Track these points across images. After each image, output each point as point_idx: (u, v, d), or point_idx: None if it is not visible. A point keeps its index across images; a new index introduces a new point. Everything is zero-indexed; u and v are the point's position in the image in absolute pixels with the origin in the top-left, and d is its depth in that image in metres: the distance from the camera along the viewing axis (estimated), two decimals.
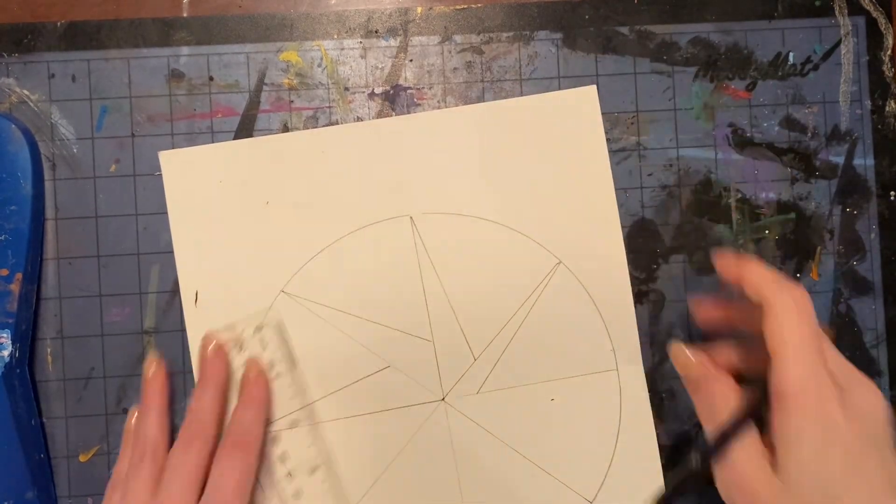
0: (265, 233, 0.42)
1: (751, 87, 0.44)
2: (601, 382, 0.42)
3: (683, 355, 0.37)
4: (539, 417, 0.42)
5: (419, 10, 0.43)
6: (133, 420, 0.40)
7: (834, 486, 0.31)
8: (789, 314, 0.32)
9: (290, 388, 0.41)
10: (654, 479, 0.42)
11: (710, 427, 0.35)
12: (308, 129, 0.42)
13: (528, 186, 0.42)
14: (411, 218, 0.42)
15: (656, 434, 0.42)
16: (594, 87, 0.42)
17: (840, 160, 0.44)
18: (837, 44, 0.44)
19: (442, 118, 0.42)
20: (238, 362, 0.41)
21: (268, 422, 0.40)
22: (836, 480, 0.31)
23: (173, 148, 0.42)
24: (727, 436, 0.33)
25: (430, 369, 0.42)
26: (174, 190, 0.42)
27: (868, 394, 0.33)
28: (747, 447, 0.33)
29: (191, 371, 0.41)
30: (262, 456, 0.39)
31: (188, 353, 0.41)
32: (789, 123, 0.44)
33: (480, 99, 0.43)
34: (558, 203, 0.42)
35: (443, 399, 0.42)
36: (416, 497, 0.41)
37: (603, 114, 0.43)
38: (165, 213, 0.42)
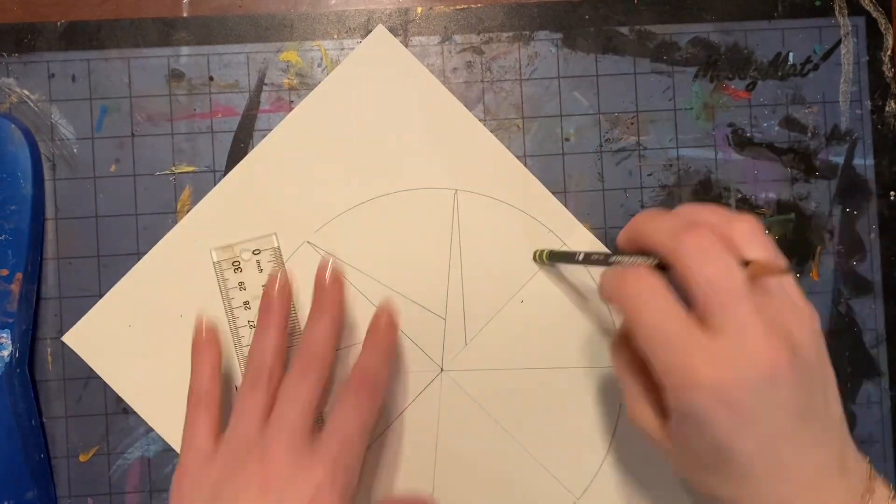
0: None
1: (751, 87, 0.44)
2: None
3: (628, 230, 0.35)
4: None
5: (419, 9, 0.43)
6: (203, 330, 0.38)
7: (720, 446, 0.29)
8: (689, 266, 0.30)
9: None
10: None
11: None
12: None
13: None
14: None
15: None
16: (379, 26, 0.42)
17: (840, 160, 0.44)
18: (837, 44, 0.44)
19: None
20: (232, 282, 0.41)
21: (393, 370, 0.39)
22: (717, 444, 0.29)
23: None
24: (621, 258, 0.33)
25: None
26: None
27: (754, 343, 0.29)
28: (637, 391, 0.33)
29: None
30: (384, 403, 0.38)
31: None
32: (789, 123, 0.44)
33: (480, 99, 0.43)
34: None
35: (441, 370, 0.42)
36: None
37: (603, 114, 0.43)
38: (165, 213, 0.42)
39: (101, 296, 0.42)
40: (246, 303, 0.41)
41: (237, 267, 0.41)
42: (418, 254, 0.42)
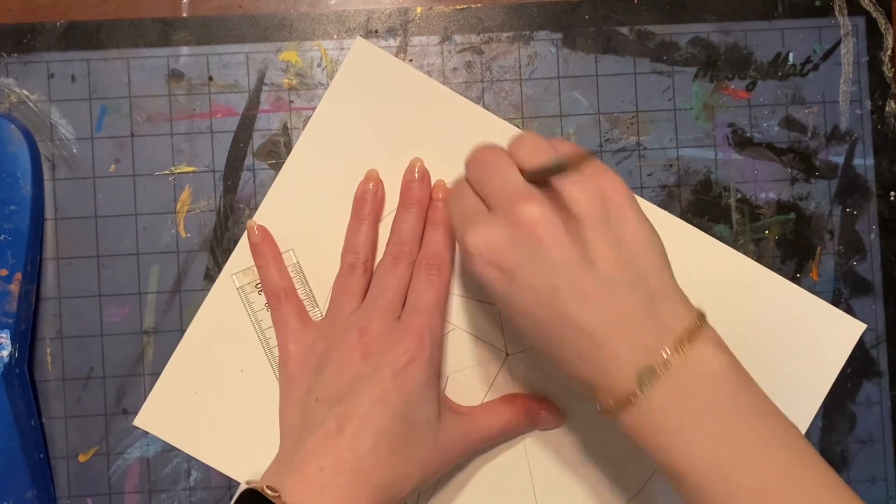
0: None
1: (751, 87, 0.44)
2: None
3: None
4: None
5: (419, 9, 0.43)
6: (256, 232, 0.41)
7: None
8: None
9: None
10: None
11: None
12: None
13: None
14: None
15: None
16: (357, 38, 0.42)
17: (840, 160, 0.44)
18: (837, 44, 0.44)
19: None
20: (259, 305, 0.42)
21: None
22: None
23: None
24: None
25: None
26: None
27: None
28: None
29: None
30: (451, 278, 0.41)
31: None
32: (789, 123, 0.44)
33: (480, 99, 0.43)
34: None
35: (507, 354, 0.42)
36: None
37: (603, 114, 0.43)
38: (165, 213, 0.42)
39: (100, 296, 0.42)
40: None
41: (261, 289, 0.41)
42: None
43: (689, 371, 0.30)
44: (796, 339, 0.34)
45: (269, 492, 0.33)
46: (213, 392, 0.41)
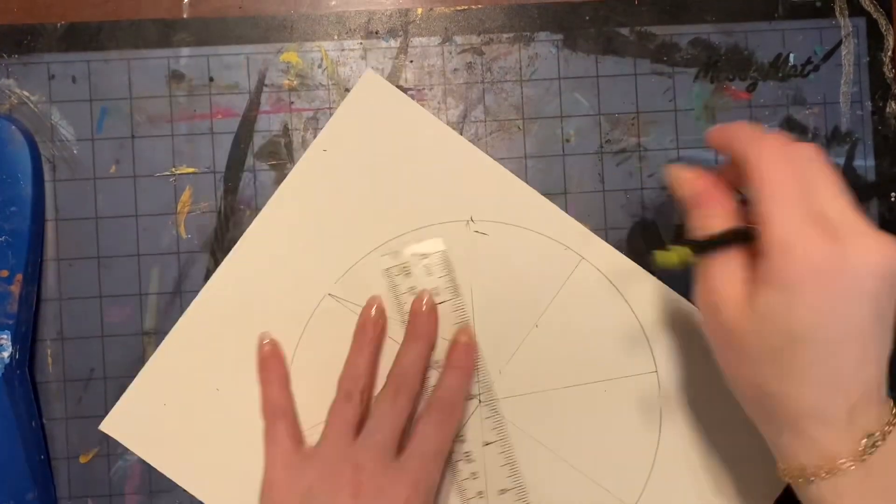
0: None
1: (751, 88, 0.44)
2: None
3: (679, 172, 0.36)
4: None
5: (419, 11, 0.43)
6: (266, 348, 0.40)
7: (799, 329, 0.30)
8: (765, 167, 0.31)
9: (454, 314, 0.41)
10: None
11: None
12: (309, 130, 0.42)
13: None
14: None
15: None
16: (368, 69, 0.42)
17: (841, 161, 0.44)
18: (838, 45, 0.44)
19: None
20: (403, 287, 0.41)
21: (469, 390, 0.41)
22: (802, 325, 0.30)
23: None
24: (714, 241, 0.33)
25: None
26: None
27: (866, 245, 0.30)
28: (729, 259, 0.32)
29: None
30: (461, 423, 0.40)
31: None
32: (790, 124, 0.44)
33: (480, 100, 0.43)
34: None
35: (479, 402, 0.41)
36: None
37: (603, 115, 0.43)
38: (165, 214, 0.42)
39: (101, 297, 0.42)
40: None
41: (407, 272, 0.41)
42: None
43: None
44: None
45: None
46: (184, 406, 0.41)
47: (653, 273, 0.42)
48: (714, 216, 0.34)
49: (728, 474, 0.40)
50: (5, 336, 0.40)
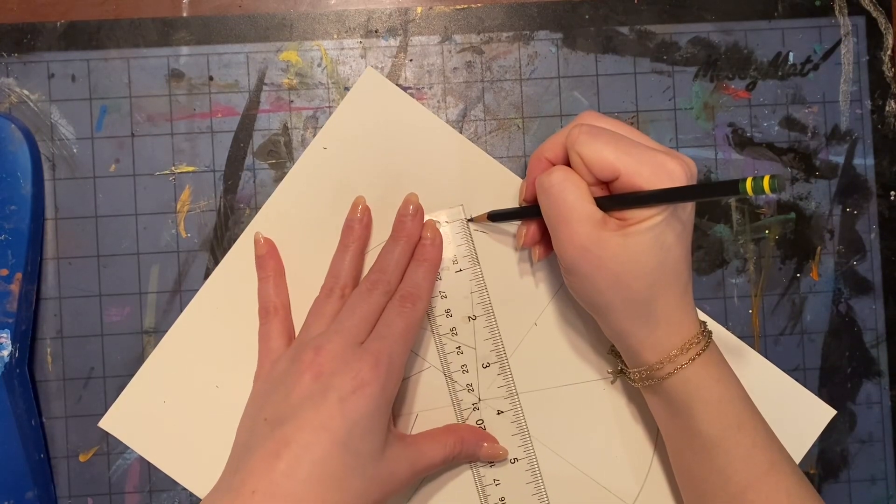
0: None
1: (751, 87, 0.44)
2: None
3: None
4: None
5: (419, 9, 0.43)
6: (262, 244, 0.42)
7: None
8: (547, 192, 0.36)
9: (472, 282, 0.42)
10: None
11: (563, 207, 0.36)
12: (309, 129, 0.42)
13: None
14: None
15: None
16: (368, 68, 0.42)
17: (840, 160, 0.44)
18: (837, 44, 0.44)
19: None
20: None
21: (437, 280, 0.41)
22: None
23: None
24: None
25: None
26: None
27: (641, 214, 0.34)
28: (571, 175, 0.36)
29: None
30: (427, 312, 0.41)
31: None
32: (789, 123, 0.44)
33: (480, 99, 0.43)
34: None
35: (479, 399, 0.42)
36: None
37: (603, 113, 0.43)
38: (165, 213, 0.42)
39: (100, 296, 0.42)
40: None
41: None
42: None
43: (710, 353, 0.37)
44: (769, 417, 0.37)
45: None
46: (184, 404, 0.41)
47: None
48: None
49: None
50: (5, 335, 0.40)
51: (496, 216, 0.41)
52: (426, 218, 0.41)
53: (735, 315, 0.43)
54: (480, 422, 0.41)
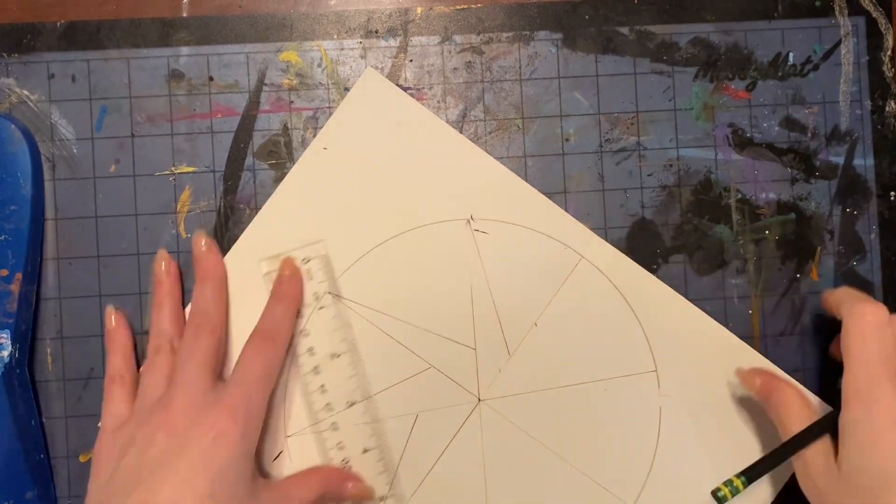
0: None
1: (751, 88, 0.44)
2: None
3: (744, 373, 0.40)
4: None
5: (419, 10, 0.43)
6: (112, 320, 0.41)
7: (885, 474, 0.33)
8: (856, 326, 0.36)
9: (335, 319, 0.41)
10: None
11: (781, 430, 0.38)
12: (309, 129, 0.42)
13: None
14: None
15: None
16: (368, 68, 0.42)
17: (840, 160, 0.44)
18: (837, 44, 0.44)
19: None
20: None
21: (298, 317, 0.41)
22: (886, 469, 0.33)
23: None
24: (803, 438, 0.37)
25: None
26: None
27: None
28: (817, 444, 0.36)
29: None
30: (289, 351, 0.40)
31: None
32: (789, 124, 0.44)
33: (480, 99, 0.43)
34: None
35: (479, 400, 0.42)
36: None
37: (603, 114, 0.43)
38: (165, 213, 0.42)
39: (100, 296, 0.42)
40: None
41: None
42: (440, 287, 0.42)
43: None
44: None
45: None
46: None
47: (653, 272, 0.42)
48: (785, 402, 0.38)
49: (727, 474, 0.40)
50: (5, 335, 0.40)
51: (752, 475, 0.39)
52: (286, 255, 0.41)
53: (735, 315, 0.43)
54: (346, 461, 0.41)
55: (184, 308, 0.41)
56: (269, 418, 0.40)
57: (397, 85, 0.43)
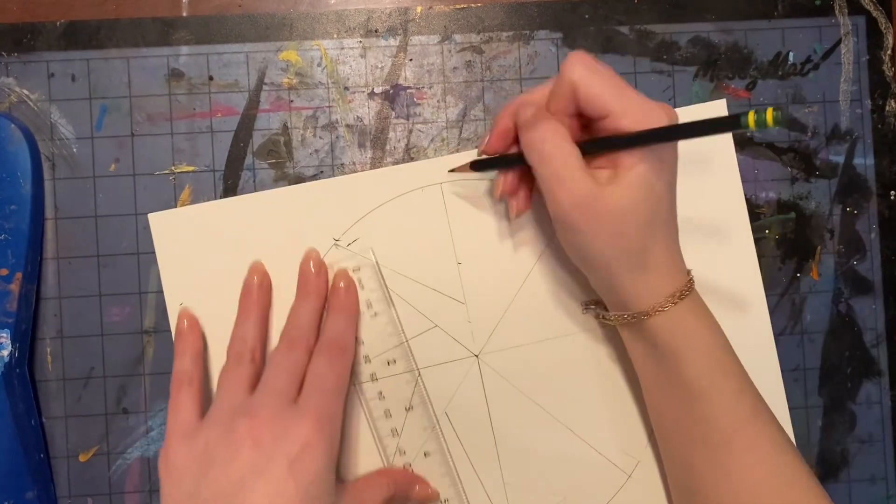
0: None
1: (751, 87, 0.44)
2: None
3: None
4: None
5: (419, 9, 0.43)
6: (185, 321, 0.40)
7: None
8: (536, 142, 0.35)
9: (389, 325, 0.41)
10: None
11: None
12: (308, 128, 0.42)
13: None
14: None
15: None
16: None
17: (840, 160, 0.44)
18: (837, 43, 0.44)
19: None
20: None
21: (357, 329, 0.41)
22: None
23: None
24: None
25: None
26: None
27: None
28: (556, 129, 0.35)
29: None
30: (353, 362, 0.40)
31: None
32: (789, 123, 0.44)
33: (480, 98, 0.43)
34: None
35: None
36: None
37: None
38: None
39: (100, 296, 0.42)
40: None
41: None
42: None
43: (696, 295, 0.37)
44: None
45: None
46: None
47: None
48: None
49: None
50: (5, 334, 0.40)
51: (480, 165, 0.40)
52: (338, 267, 0.41)
53: None
54: (408, 465, 0.41)
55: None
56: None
57: (397, 84, 0.43)
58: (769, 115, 0.27)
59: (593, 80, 0.34)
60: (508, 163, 0.39)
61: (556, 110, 0.36)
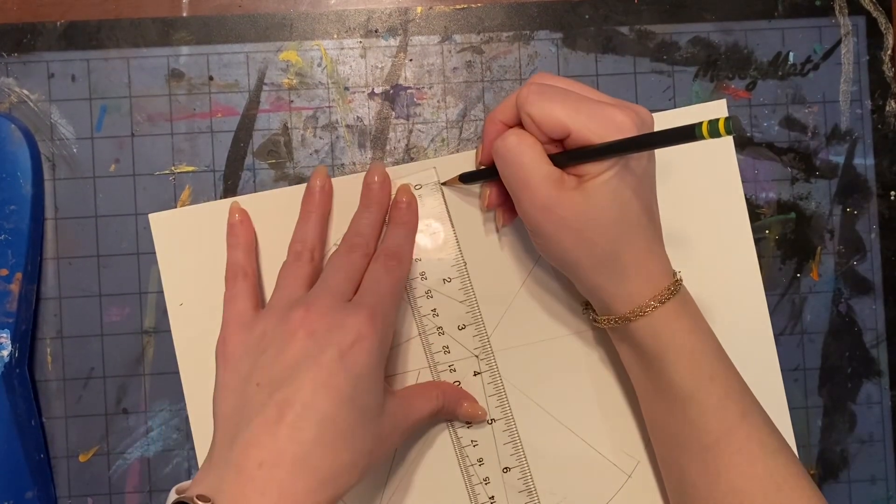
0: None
1: (751, 87, 0.44)
2: None
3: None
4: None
5: (419, 9, 0.43)
6: (236, 215, 0.41)
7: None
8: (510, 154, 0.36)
9: (446, 244, 0.42)
10: None
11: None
12: (308, 128, 0.42)
13: None
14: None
15: None
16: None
17: (840, 160, 0.44)
18: (837, 43, 0.44)
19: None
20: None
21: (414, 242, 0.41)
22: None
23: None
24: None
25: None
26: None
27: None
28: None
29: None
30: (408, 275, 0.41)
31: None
32: (789, 123, 0.44)
33: (480, 99, 0.43)
34: None
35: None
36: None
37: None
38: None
39: (100, 296, 0.42)
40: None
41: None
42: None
43: (683, 299, 0.37)
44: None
45: (199, 503, 0.30)
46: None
47: None
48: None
49: None
50: (5, 335, 0.40)
51: (468, 178, 0.41)
52: (401, 182, 0.41)
53: None
54: (457, 382, 0.42)
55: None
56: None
57: (397, 84, 0.43)
58: (721, 124, 0.28)
59: (547, 106, 0.34)
60: (492, 174, 0.39)
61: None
